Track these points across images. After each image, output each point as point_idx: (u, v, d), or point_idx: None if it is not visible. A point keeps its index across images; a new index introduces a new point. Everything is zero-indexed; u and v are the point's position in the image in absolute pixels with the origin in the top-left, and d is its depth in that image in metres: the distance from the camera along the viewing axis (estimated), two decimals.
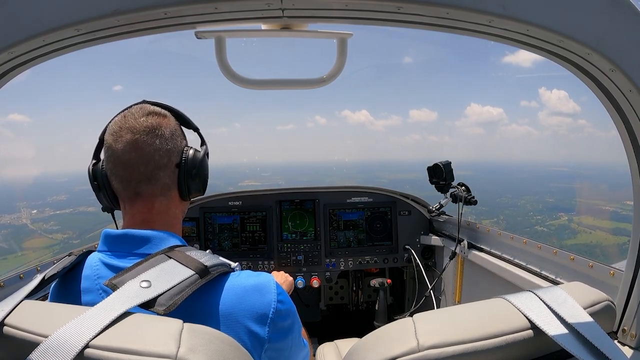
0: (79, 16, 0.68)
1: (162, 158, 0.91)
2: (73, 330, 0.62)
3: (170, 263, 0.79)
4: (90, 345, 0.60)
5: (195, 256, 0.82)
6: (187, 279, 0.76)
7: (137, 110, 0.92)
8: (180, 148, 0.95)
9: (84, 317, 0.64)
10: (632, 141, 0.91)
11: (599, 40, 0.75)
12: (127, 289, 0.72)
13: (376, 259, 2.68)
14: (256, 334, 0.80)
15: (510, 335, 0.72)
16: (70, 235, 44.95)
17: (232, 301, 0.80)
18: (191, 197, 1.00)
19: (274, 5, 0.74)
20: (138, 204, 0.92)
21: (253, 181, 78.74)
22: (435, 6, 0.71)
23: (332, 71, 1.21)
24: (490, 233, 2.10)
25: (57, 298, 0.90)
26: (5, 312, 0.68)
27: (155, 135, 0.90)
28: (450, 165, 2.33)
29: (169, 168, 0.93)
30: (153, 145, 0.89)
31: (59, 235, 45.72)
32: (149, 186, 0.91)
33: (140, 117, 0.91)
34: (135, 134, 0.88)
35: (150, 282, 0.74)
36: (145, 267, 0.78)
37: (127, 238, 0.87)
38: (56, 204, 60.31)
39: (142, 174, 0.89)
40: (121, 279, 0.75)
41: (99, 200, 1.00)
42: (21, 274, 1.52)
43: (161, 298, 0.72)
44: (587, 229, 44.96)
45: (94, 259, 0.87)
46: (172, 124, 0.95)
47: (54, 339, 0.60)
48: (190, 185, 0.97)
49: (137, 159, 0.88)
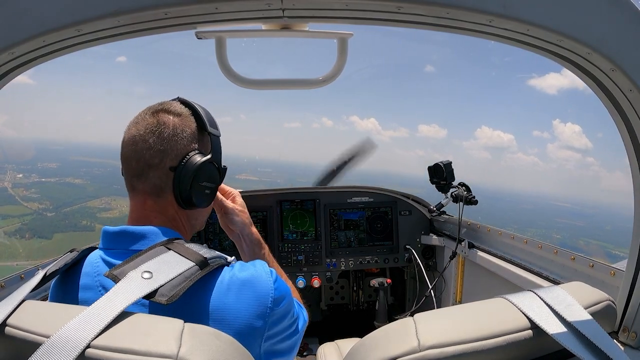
0: (79, 16, 0.68)
1: (152, 158, 0.89)
2: (76, 328, 0.62)
3: (170, 254, 0.80)
4: (92, 345, 0.60)
5: (194, 248, 0.83)
6: (187, 270, 0.76)
7: (155, 107, 0.93)
8: (182, 151, 0.90)
9: (87, 313, 0.64)
10: (632, 141, 0.91)
11: (599, 40, 0.75)
12: (129, 280, 0.72)
13: (377, 258, 2.68)
14: (253, 324, 0.81)
15: (511, 335, 0.72)
16: (46, 206, 43.32)
17: (228, 296, 0.81)
18: (190, 207, 0.94)
19: (274, 6, 0.74)
20: (134, 199, 0.93)
21: (251, 175, 77.61)
22: (436, 6, 0.71)
23: (332, 71, 1.21)
24: (490, 233, 2.10)
25: (56, 294, 0.90)
26: (6, 312, 0.68)
27: (152, 133, 0.89)
28: (451, 165, 2.34)
29: (161, 169, 0.89)
30: (146, 143, 0.89)
31: (36, 204, 43.82)
32: (139, 182, 0.91)
33: (151, 114, 0.91)
34: (138, 129, 0.90)
35: (152, 272, 0.74)
36: (145, 257, 0.78)
37: (124, 235, 0.87)
38: (44, 171, 58.61)
39: (134, 169, 0.90)
40: (122, 270, 0.75)
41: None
42: (22, 274, 1.53)
43: (163, 289, 0.72)
44: None
45: (95, 256, 0.88)
46: (182, 124, 0.91)
47: (57, 339, 0.60)
48: (183, 192, 0.90)
49: (132, 154, 0.90)
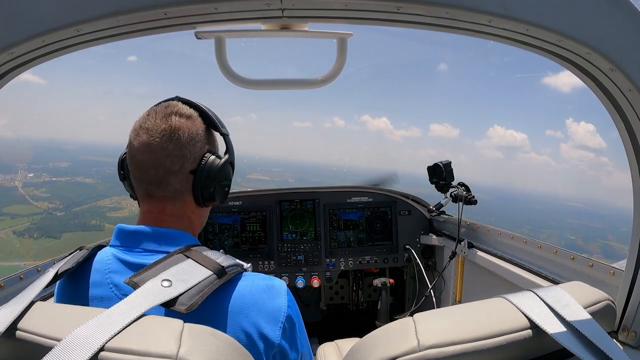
0: (79, 16, 0.68)
1: (173, 164, 0.87)
2: (91, 331, 0.61)
3: (188, 263, 0.79)
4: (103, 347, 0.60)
5: (211, 256, 0.82)
6: (205, 279, 0.77)
7: (162, 109, 0.90)
8: (198, 154, 0.91)
9: (104, 316, 0.64)
10: (632, 141, 0.92)
11: (599, 40, 0.75)
12: (149, 288, 0.72)
13: (376, 258, 2.68)
14: (266, 335, 0.80)
15: (510, 335, 0.72)
16: (56, 205, 43.29)
17: (244, 299, 0.81)
18: (207, 205, 0.96)
19: (273, 6, 0.74)
20: (151, 204, 0.91)
21: (262, 175, 76.93)
22: (435, 6, 0.71)
23: (331, 71, 1.21)
24: (490, 233, 2.10)
25: (65, 291, 0.90)
26: (16, 314, 0.67)
27: (170, 139, 0.87)
28: (451, 165, 2.34)
29: (182, 174, 0.89)
30: (166, 149, 0.86)
31: (45, 204, 43.88)
32: (159, 190, 0.89)
33: (160, 118, 0.88)
34: (150, 135, 0.86)
35: (171, 281, 0.74)
36: (164, 266, 0.78)
37: (140, 234, 0.87)
38: (55, 170, 58.54)
39: (153, 177, 0.88)
40: (141, 277, 0.75)
41: (125, 188, 1.01)
42: (21, 274, 1.52)
43: (182, 297, 0.72)
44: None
45: (107, 253, 0.87)
46: (195, 127, 0.91)
47: (70, 341, 0.60)
48: (204, 193, 0.92)
49: (149, 162, 0.87)
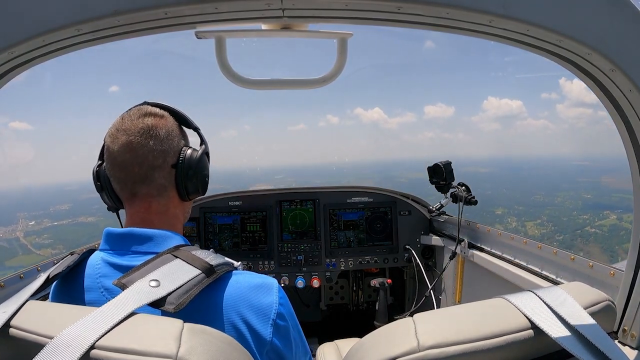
0: (79, 16, 0.68)
1: (156, 159, 0.91)
2: (80, 330, 0.62)
3: (177, 262, 0.80)
4: (93, 345, 0.60)
5: (200, 255, 0.83)
6: (194, 278, 0.77)
7: (134, 112, 0.93)
8: (177, 148, 0.95)
9: (92, 316, 0.65)
10: (632, 141, 0.91)
11: (599, 40, 0.75)
12: (136, 288, 0.73)
13: (376, 259, 2.68)
14: (257, 331, 0.81)
15: (510, 335, 0.72)
16: (59, 250, 42.90)
17: (233, 296, 0.81)
18: (191, 197, 1.00)
19: (274, 5, 0.74)
20: (136, 204, 0.93)
21: (265, 185, 77.55)
22: (435, 6, 0.71)
23: (332, 71, 1.21)
24: (490, 233, 2.10)
25: (58, 297, 0.90)
26: (10, 313, 0.68)
27: (149, 136, 0.90)
28: (451, 165, 2.34)
29: (164, 169, 0.93)
30: (147, 146, 0.89)
31: (48, 250, 43.77)
32: (144, 187, 0.91)
33: (136, 119, 0.91)
34: (129, 135, 0.89)
35: (159, 281, 0.75)
36: (152, 266, 0.79)
37: (129, 237, 0.88)
38: (56, 214, 58.51)
39: (137, 175, 0.90)
40: (130, 278, 0.76)
41: (102, 200, 1.01)
42: (21, 274, 1.53)
43: (170, 297, 0.73)
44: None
45: (96, 257, 0.88)
46: (169, 124, 0.95)
47: (61, 339, 0.61)
48: (187, 185, 0.96)
49: (132, 160, 0.89)
